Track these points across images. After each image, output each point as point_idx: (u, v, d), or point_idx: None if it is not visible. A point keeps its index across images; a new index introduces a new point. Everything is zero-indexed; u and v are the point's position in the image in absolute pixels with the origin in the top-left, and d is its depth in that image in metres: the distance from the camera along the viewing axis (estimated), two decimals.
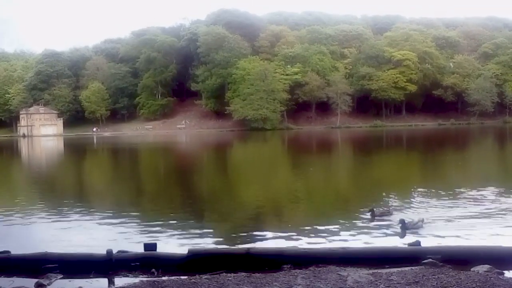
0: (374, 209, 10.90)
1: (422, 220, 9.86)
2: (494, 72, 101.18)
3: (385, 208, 11.30)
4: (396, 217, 10.40)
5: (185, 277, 6.65)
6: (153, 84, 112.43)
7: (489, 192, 13.85)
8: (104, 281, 6.98)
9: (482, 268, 6.62)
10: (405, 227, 9.47)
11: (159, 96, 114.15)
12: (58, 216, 12.15)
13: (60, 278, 6.99)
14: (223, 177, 22.75)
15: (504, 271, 6.57)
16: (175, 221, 11.20)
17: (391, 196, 13.62)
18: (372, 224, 10.29)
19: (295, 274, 6.56)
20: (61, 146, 62.98)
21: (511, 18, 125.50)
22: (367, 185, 17.29)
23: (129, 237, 9.67)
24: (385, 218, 10.65)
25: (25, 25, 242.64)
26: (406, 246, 7.77)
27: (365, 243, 8.67)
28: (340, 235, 9.42)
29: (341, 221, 10.64)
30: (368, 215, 10.84)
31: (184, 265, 7.24)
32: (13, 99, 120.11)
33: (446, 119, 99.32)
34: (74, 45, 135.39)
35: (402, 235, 9.28)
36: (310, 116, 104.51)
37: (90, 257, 7.49)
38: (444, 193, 13.90)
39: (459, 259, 7.03)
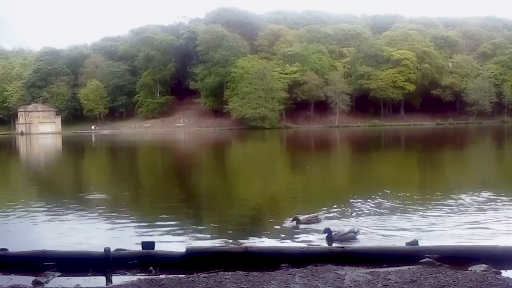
0: (299, 217, 10.08)
1: (356, 231, 8.85)
2: (493, 72, 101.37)
3: (312, 215, 10.39)
4: (325, 225, 9.40)
5: (183, 275, 6.64)
6: (152, 82, 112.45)
7: (466, 198, 12.87)
8: (101, 279, 6.96)
9: (479, 268, 6.63)
10: (331, 238, 8.52)
11: (158, 95, 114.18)
12: (56, 214, 12.13)
13: (58, 276, 6.98)
14: (221, 176, 22.74)
15: (501, 271, 6.58)
16: (173, 220, 11.21)
17: (356, 199, 12.90)
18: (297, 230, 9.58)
19: (293, 273, 6.57)
20: (59, 144, 62.92)
21: (510, 18, 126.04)
22: (361, 185, 17.31)
23: (127, 235, 9.66)
24: (312, 226, 9.79)
25: (24, 22, 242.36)
26: (404, 245, 7.78)
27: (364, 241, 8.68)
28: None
29: (340, 220, 10.64)
30: (292, 223, 9.99)
31: (182, 263, 7.24)
32: (12, 96, 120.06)
33: (445, 119, 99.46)
34: (73, 43, 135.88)
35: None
36: (309, 115, 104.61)
37: (88, 255, 7.48)
38: (415, 197, 13.41)
39: (456, 259, 7.04)
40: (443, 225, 9.96)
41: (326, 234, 8.62)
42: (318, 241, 8.76)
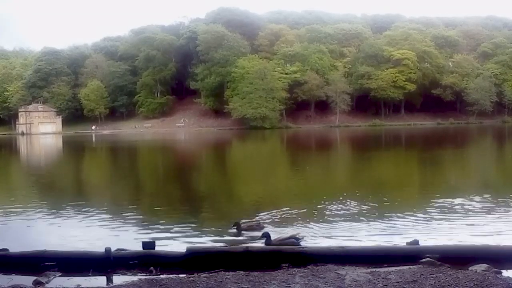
0: (240, 223, 9.80)
1: (299, 238, 8.52)
2: (493, 72, 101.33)
3: (254, 221, 10.16)
4: (268, 230, 9.00)
5: (184, 275, 6.64)
6: (152, 82, 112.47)
7: (467, 198, 12.65)
8: (102, 279, 6.96)
9: (480, 267, 6.62)
10: (270, 243, 8.16)
11: (158, 95, 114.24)
12: (57, 214, 12.14)
13: (59, 276, 6.98)
14: (221, 175, 22.76)
15: (502, 270, 6.57)
16: (173, 219, 11.20)
17: (347, 201, 12.69)
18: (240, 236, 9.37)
19: (294, 272, 6.56)
20: (59, 144, 62.95)
21: (510, 18, 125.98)
22: (358, 186, 17.32)
23: (127, 235, 9.66)
24: (254, 233, 9.48)
25: (24, 22, 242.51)
26: (405, 245, 7.78)
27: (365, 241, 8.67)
28: (338, 234, 9.42)
29: (339, 220, 10.65)
30: (232, 229, 9.70)
31: (182, 263, 7.24)
32: (12, 96, 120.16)
33: (445, 119, 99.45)
34: (74, 43, 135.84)
35: None
36: (309, 115, 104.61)
37: (89, 255, 7.48)
38: (410, 199, 13.30)
39: (457, 258, 7.03)
40: (440, 226, 9.95)
41: (265, 238, 8.27)
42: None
